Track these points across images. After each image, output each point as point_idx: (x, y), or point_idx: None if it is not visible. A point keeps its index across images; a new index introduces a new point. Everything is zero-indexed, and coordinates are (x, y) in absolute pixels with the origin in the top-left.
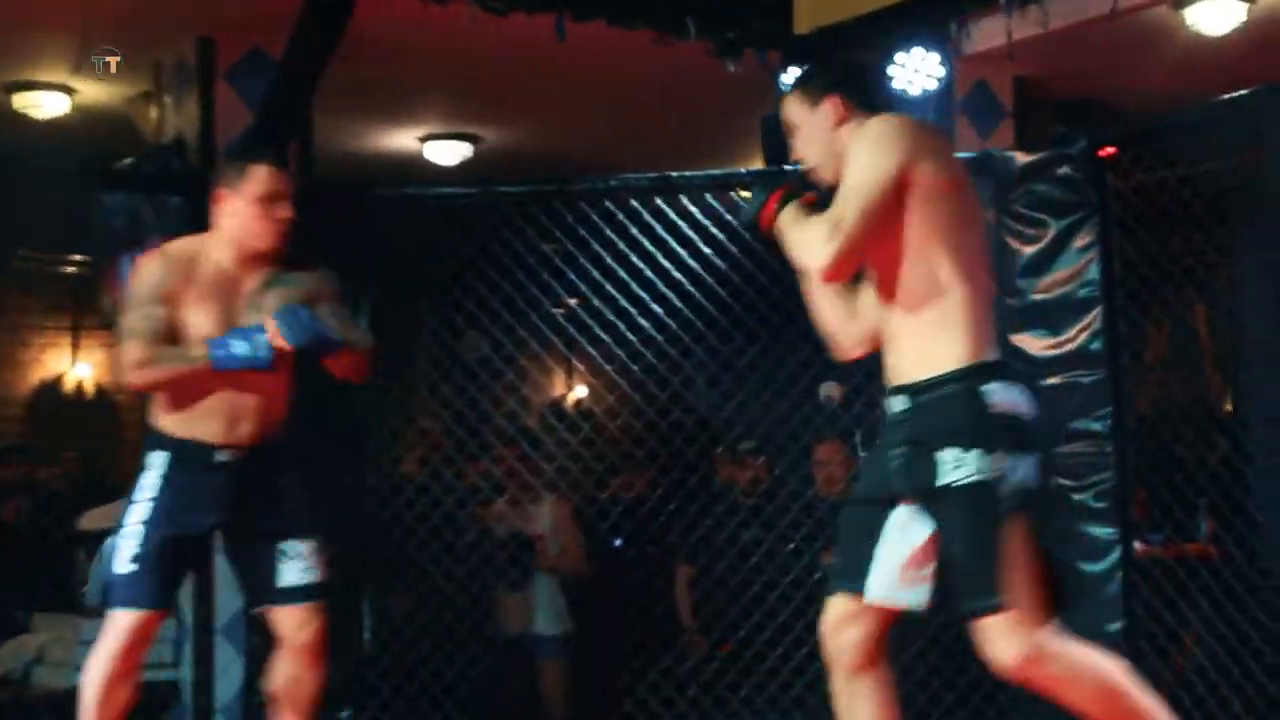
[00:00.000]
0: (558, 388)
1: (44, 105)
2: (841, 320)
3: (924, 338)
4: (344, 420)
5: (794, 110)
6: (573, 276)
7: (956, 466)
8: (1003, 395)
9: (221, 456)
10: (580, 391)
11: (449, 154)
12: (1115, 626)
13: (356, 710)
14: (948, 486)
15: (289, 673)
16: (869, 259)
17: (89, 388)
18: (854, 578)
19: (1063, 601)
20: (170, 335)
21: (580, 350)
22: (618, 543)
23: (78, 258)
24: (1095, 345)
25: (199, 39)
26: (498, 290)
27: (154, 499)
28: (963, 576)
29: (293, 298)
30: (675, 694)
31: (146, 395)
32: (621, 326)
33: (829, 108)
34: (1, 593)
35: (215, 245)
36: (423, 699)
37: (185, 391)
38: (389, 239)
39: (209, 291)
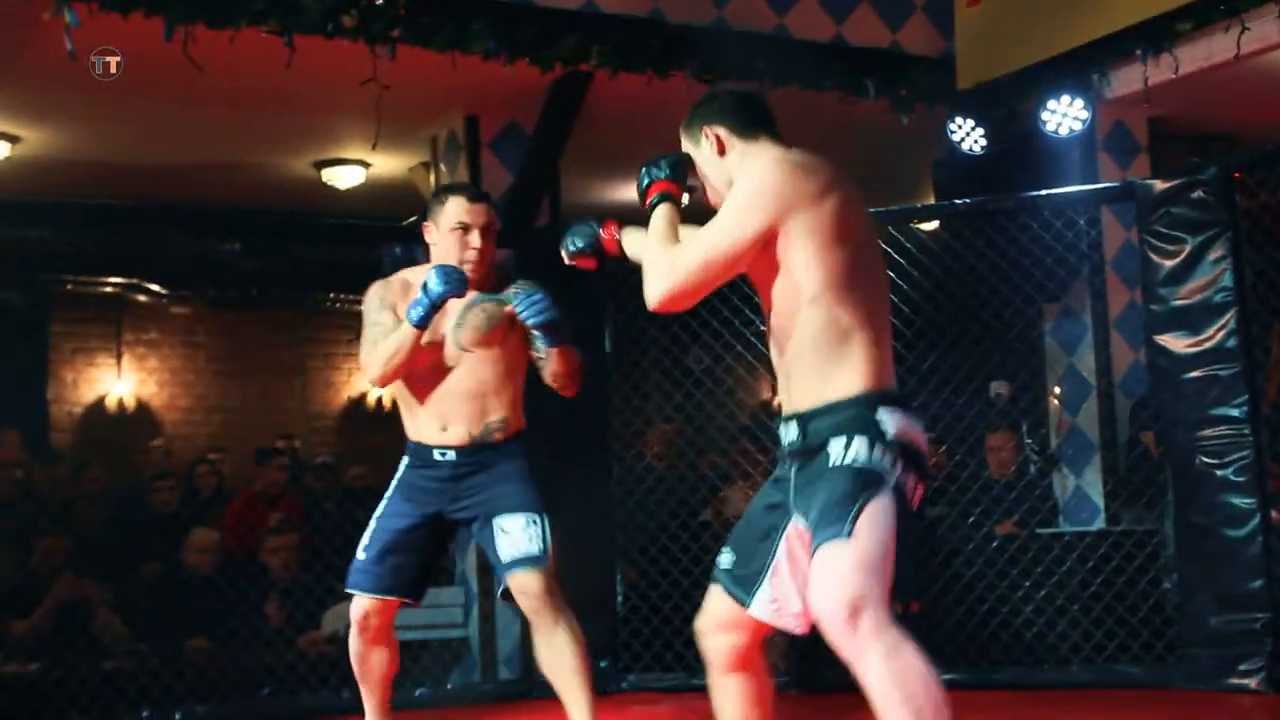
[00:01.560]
0: (764, 392)
1: (345, 177)
2: None
3: (819, 374)
4: (591, 422)
5: (686, 147)
6: None
7: (845, 450)
8: (894, 420)
9: (439, 456)
10: None
11: None
12: (1257, 584)
13: (613, 661)
14: (838, 465)
15: (542, 646)
16: (761, 301)
17: (387, 403)
18: (741, 587)
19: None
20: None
21: None
22: None
23: None
24: (1231, 343)
25: (466, 116)
26: (716, 312)
27: (389, 496)
28: (820, 516)
29: (492, 313)
30: None
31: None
32: None
33: (709, 140)
34: (328, 568)
35: (423, 273)
36: (666, 652)
37: (409, 400)
38: (625, 272)
39: None
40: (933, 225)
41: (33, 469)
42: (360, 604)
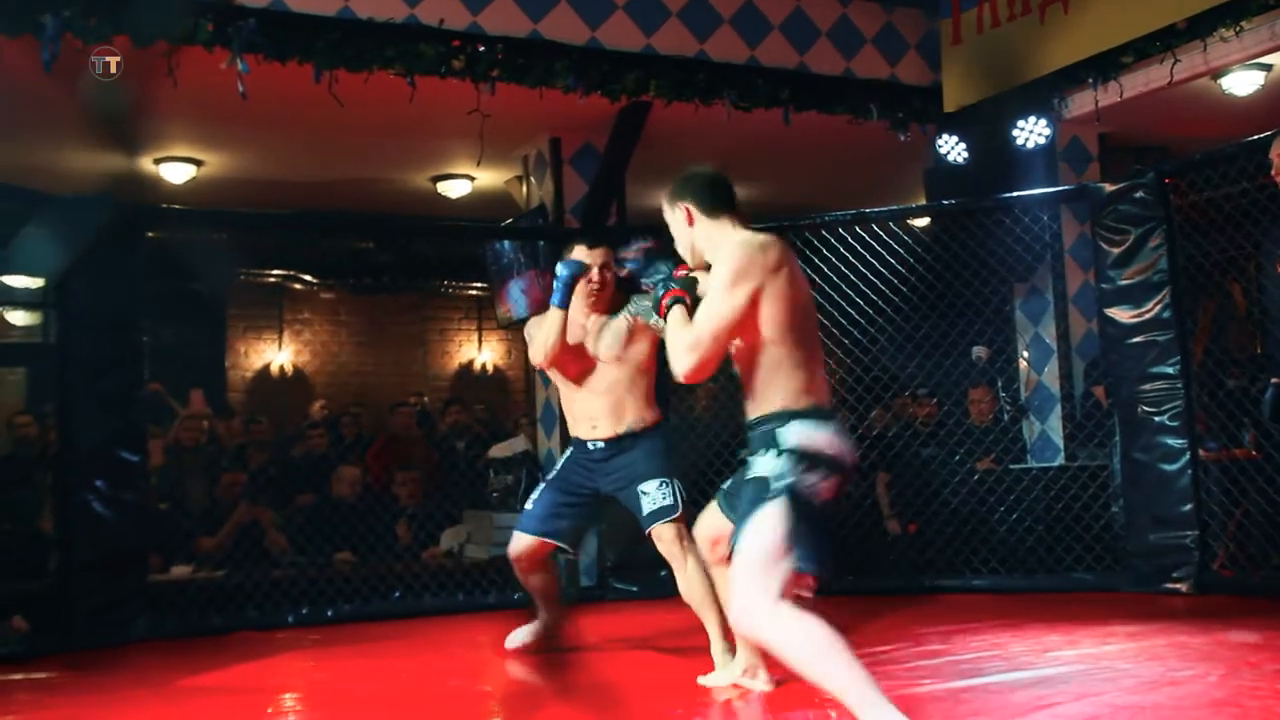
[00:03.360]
0: None
1: (455, 189)
2: None
3: (757, 392)
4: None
5: (665, 212)
6: None
7: (760, 462)
8: (798, 431)
9: (591, 446)
10: None
11: None
12: (1187, 508)
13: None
14: (754, 477)
15: (679, 578)
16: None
17: (490, 367)
18: (730, 509)
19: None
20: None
21: None
22: None
23: (479, 284)
24: (1166, 314)
25: (551, 138)
26: None
27: (557, 471)
28: (738, 519)
29: (618, 329)
30: (880, 557)
31: (546, 379)
32: (836, 315)
33: (681, 211)
34: (445, 497)
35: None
36: None
37: (569, 404)
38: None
39: (570, 334)
40: (925, 221)
41: (214, 421)
42: (517, 540)
